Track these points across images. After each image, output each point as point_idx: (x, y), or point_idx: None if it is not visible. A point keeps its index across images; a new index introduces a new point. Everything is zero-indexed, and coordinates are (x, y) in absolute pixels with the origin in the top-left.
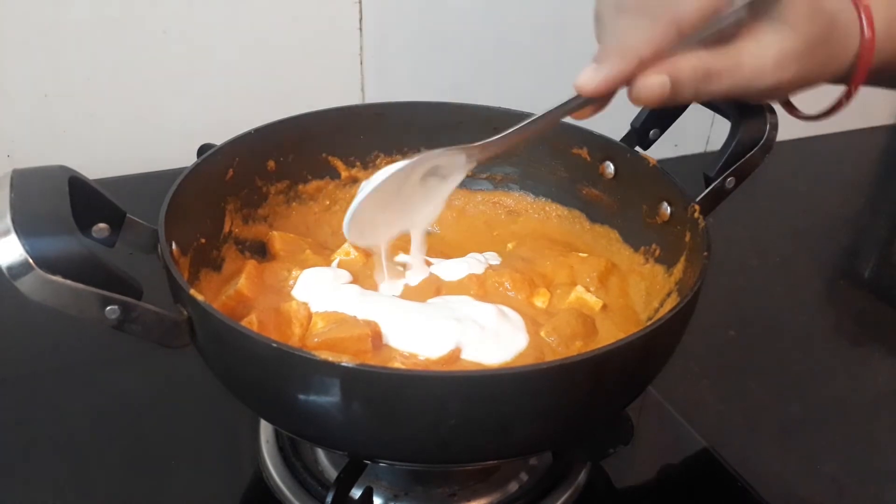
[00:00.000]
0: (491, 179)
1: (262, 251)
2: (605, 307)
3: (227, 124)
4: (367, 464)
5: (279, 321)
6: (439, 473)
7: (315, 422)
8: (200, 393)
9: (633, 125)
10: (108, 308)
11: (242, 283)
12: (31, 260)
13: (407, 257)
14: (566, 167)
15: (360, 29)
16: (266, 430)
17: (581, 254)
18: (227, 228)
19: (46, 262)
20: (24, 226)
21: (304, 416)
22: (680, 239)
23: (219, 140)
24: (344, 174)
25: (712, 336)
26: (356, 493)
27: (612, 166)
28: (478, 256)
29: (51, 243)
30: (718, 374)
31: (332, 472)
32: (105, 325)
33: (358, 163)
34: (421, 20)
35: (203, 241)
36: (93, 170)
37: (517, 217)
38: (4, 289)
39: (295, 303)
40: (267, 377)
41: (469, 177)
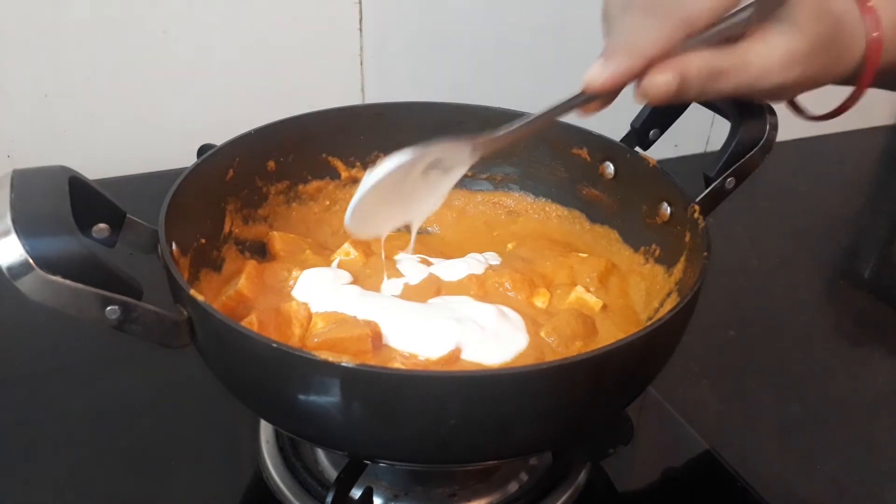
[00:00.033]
0: (491, 180)
1: (262, 251)
2: (605, 307)
3: (228, 124)
4: (367, 464)
5: (279, 321)
6: (439, 473)
7: (315, 422)
8: (200, 393)
9: (633, 125)
10: (109, 308)
11: (242, 283)
12: (31, 260)
13: (406, 256)
14: (566, 167)
15: (360, 29)
16: (266, 430)
17: (581, 254)
18: (227, 229)
19: (47, 263)
20: (25, 226)
21: (304, 416)
22: (680, 239)
23: (219, 140)
24: (344, 174)
25: (712, 336)
26: (356, 493)
27: (612, 166)
28: (478, 257)
29: (51, 243)
30: (718, 374)
31: (332, 472)
32: (105, 326)
33: (358, 163)
34: (421, 20)
35: (203, 241)
36: (93, 170)
37: (517, 217)
38: (4, 289)
39: (295, 303)
40: (267, 377)
41: (469, 177)
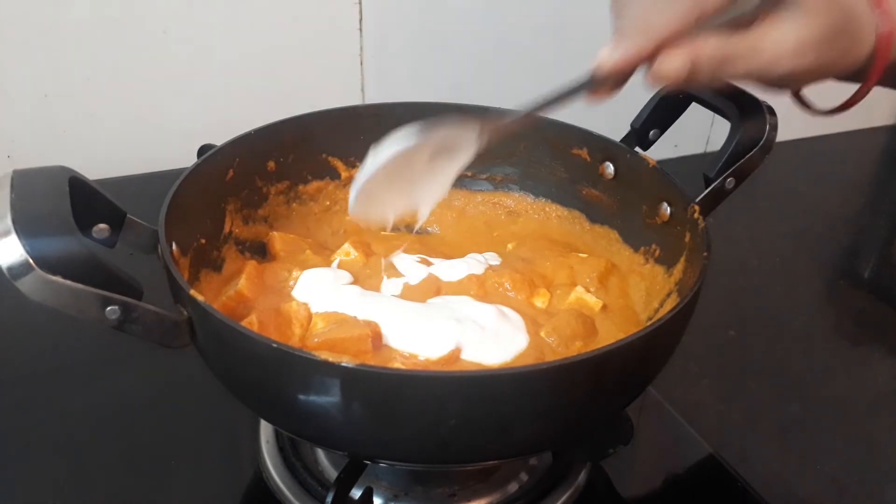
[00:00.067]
0: (491, 180)
1: (262, 252)
2: (604, 307)
3: (228, 124)
4: (367, 464)
5: (279, 321)
6: (439, 473)
7: (315, 422)
8: (200, 393)
9: (633, 126)
10: (109, 308)
11: (243, 283)
12: (31, 260)
13: (406, 257)
14: (566, 168)
15: (360, 29)
16: (266, 430)
17: (581, 254)
18: (227, 229)
19: (47, 263)
20: (25, 226)
21: (304, 417)
22: (680, 239)
23: (219, 140)
24: (344, 175)
25: (712, 336)
26: (356, 493)
27: (612, 167)
28: (478, 257)
29: (51, 244)
30: (718, 374)
31: (332, 472)
32: (105, 326)
33: (358, 163)
34: (421, 20)
35: (203, 241)
36: (93, 170)
37: (517, 217)
38: (4, 289)
39: (295, 303)
40: (267, 377)
41: (469, 177)
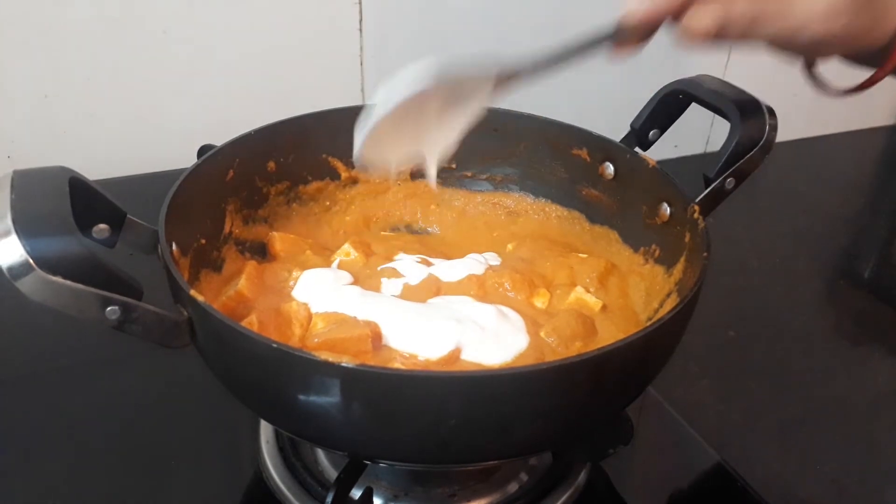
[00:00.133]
0: (491, 180)
1: (262, 252)
2: (604, 308)
3: (228, 125)
4: (367, 464)
5: (279, 322)
6: (439, 473)
7: (315, 422)
8: (200, 393)
9: (632, 126)
10: (109, 308)
11: (243, 283)
12: (31, 260)
13: (406, 257)
14: (566, 168)
15: (360, 29)
16: (266, 430)
17: (581, 254)
18: (227, 229)
19: (47, 263)
20: (25, 226)
21: (304, 417)
22: (680, 239)
23: (219, 141)
24: (344, 175)
25: (712, 336)
26: (356, 493)
27: (612, 167)
28: (477, 257)
29: (51, 244)
30: (718, 374)
31: (332, 473)
32: (105, 326)
33: None
34: (421, 20)
35: (203, 241)
36: (93, 170)
37: (517, 218)
38: (4, 289)
39: (295, 303)
40: (267, 377)
41: (469, 178)
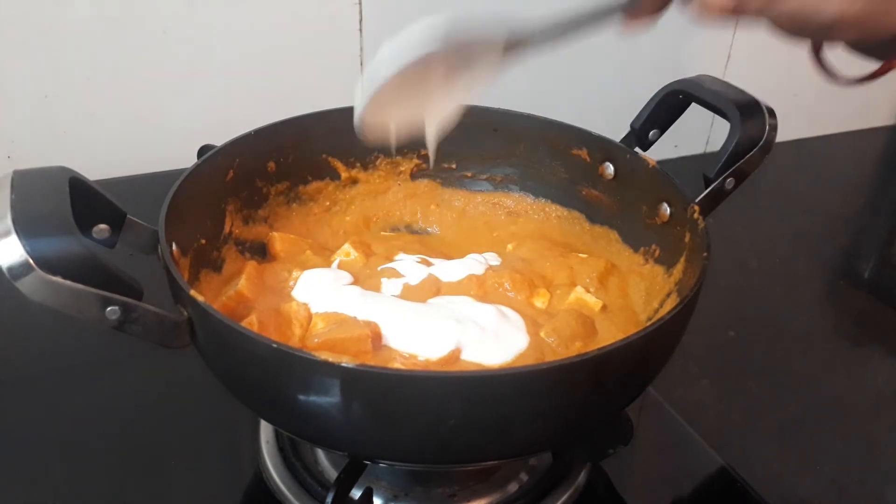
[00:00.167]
0: (491, 180)
1: (262, 252)
2: (604, 308)
3: (228, 125)
4: (367, 464)
5: (279, 322)
6: (439, 474)
7: (315, 422)
8: (200, 393)
9: (632, 126)
10: (109, 309)
11: (243, 283)
12: (31, 260)
13: (406, 257)
14: (566, 168)
15: (360, 30)
16: (266, 430)
17: (581, 254)
18: (227, 229)
19: (47, 263)
20: (25, 226)
21: (304, 417)
22: (680, 239)
23: (219, 141)
24: (344, 175)
25: (712, 336)
26: (356, 493)
27: (612, 167)
28: (477, 257)
29: (51, 244)
30: (718, 374)
31: (332, 473)
32: (105, 326)
33: (358, 164)
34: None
35: (203, 241)
36: (93, 170)
37: (517, 218)
38: (4, 289)
39: (295, 303)
40: (267, 377)
41: (469, 178)
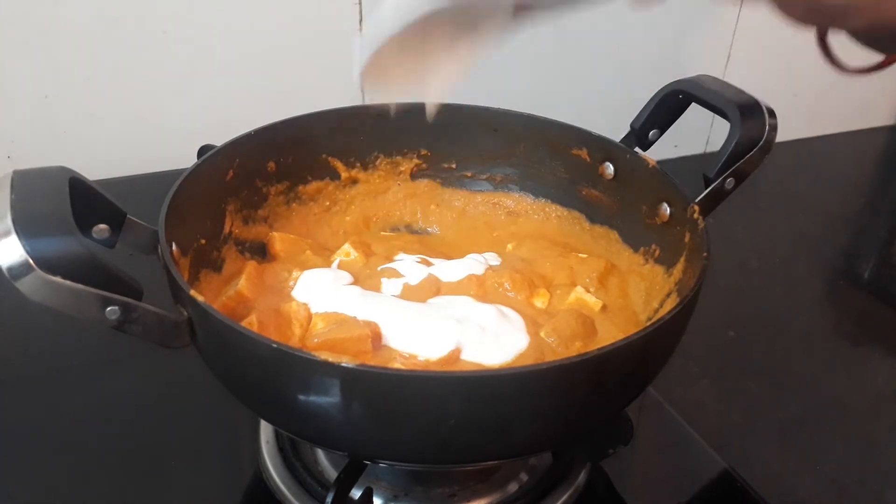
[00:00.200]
0: (491, 180)
1: (262, 252)
2: (604, 308)
3: (228, 125)
4: (367, 464)
5: (279, 322)
6: (439, 473)
7: (315, 422)
8: (200, 393)
9: (632, 126)
10: (109, 309)
11: (242, 283)
12: (31, 261)
13: (406, 257)
14: (566, 168)
15: (360, 30)
16: (266, 430)
17: (581, 254)
18: (227, 229)
19: (47, 263)
20: (25, 226)
21: (304, 417)
22: (679, 239)
23: (219, 141)
24: (344, 175)
25: (712, 336)
26: (356, 493)
27: (612, 167)
28: (477, 257)
29: (51, 244)
30: (718, 374)
31: (332, 473)
32: (105, 326)
33: (358, 164)
34: None
35: (203, 241)
36: (93, 170)
37: (517, 218)
38: (4, 289)
39: (295, 303)
40: (267, 377)
41: (469, 178)
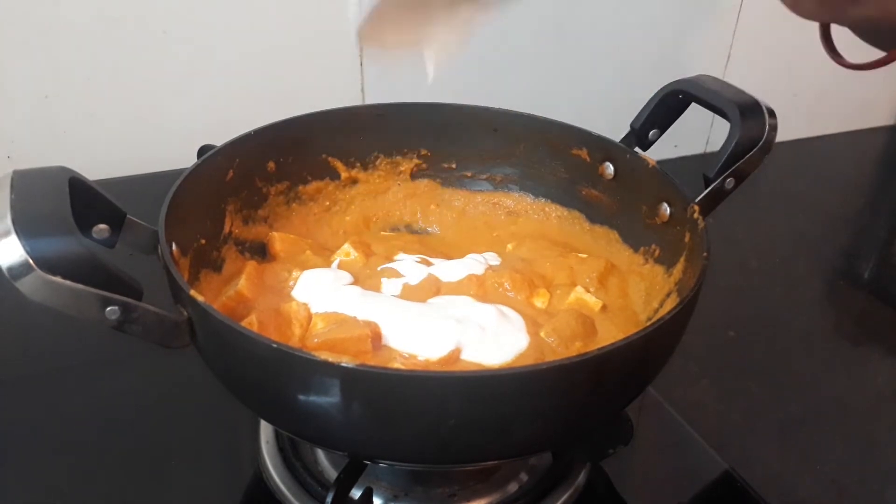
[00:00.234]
0: (491, 180)
1: (262, 252)
2: (604, 308)
3: (228, 125)
4: (367, 464)
5: (279, 322)
6: (439, 473)
7: (315, 422)
8: (200, 393)
9: (632, 126)
10: (109, 309)
11: (242, 283)
12: (31, 261)
13: (406, 257)
14: (566, 168)
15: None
16: (266, 430)
17: (581, 254)
18: (227, 229)
19: (47, 263)
20: (25, 227)
21: (304, 417)
22: (679, 239)
23: (219, 141)
24: (344, 175)
25: (712, 336)
26: (356, 493)
27: (612, 167)
28: (477, 257)
29: (51, 244)
30: (718, 374)
31: (332, 473)
32: (105, 326)
33: (358, 164)
34: None
35: (203, 241)
36: (93, 170)
37: (517, 218)
38: (4, 289)
39: (295, 303)
40: (267, 377)
41: (469, 178)
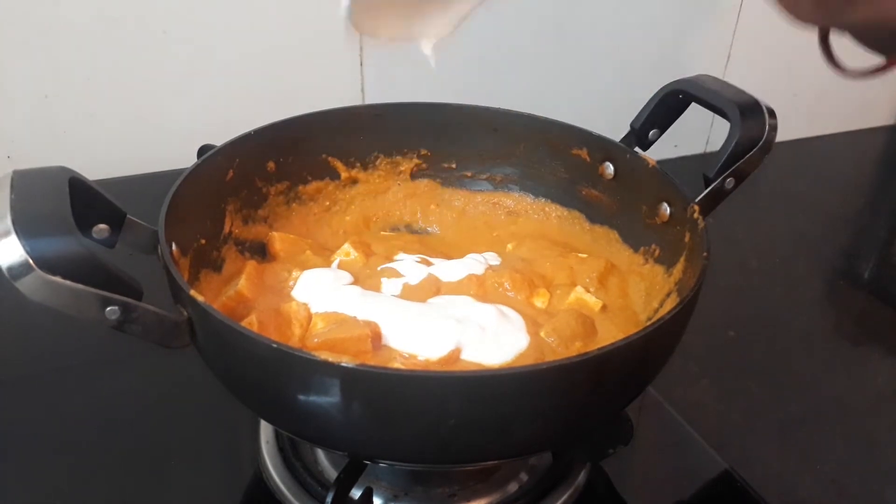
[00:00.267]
0: (491, 180)
1: (262, 252)
2: (604, 307)
3: (228, 125)
4: (367, 464)
5: (279, 322)
6: (439, 473)
7: (315, 422)
8: (200, 393)
9: (632, 126)
10: (108, 308)
11: (242, 283)
12: (31, 260)
13: (406, 257)
14: (566, 168)
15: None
16: (266, 430)
17: (581, 254)
18: (227, 229)
19: (47, 263)
20: (25, 226)
21: (304, 417)
22: (679, 239)
23: (219, 141)
24: (344, 175)
25: (712, 336)
26: (356, 493)
27: (612, 167)
28: (477, 257)
29: (51, 244)
30: (718, 374)
31: (332, 473)
32: (105, 326)
33: (358, 164)
34: None
35: (203, 241)
36: (93, 170)
37: (517, 218)
38: (4, 289)
39: (295, 303)
40: (267, 377)
41: (469, 178)
